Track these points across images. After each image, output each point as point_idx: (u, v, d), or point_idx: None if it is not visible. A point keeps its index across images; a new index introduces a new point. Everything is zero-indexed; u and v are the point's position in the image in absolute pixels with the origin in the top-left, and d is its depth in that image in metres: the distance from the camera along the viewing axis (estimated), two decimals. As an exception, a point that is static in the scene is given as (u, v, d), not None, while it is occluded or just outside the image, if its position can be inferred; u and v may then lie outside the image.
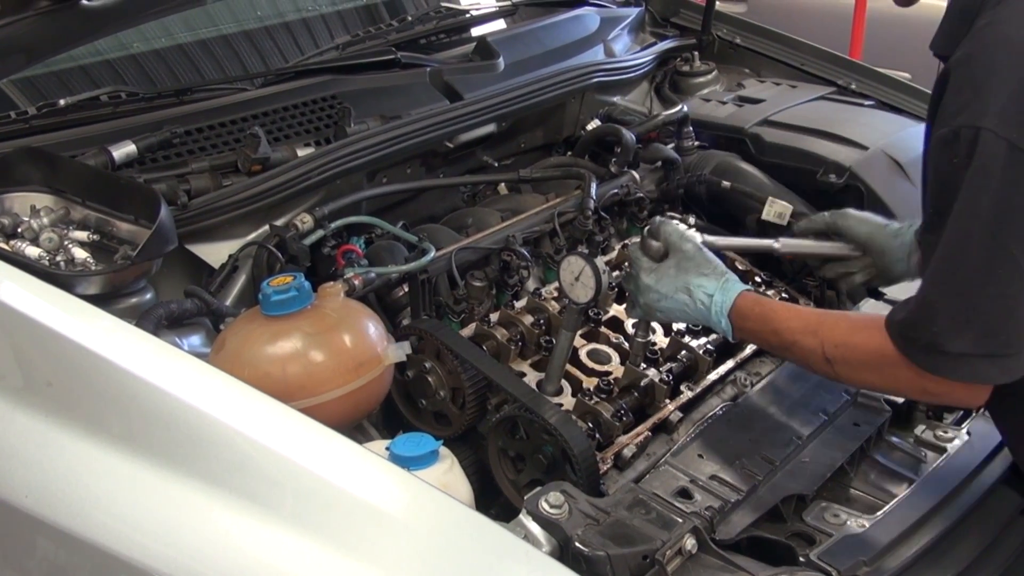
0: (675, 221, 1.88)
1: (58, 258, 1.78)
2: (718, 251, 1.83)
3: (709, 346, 2.05)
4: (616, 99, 2.95)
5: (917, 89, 2.86)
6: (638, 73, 2.98)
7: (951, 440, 1.83)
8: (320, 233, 2.09)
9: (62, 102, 2.14)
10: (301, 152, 2.20)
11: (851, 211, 2.05)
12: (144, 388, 1.36)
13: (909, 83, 2.91)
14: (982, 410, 1.83)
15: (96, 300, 1.59)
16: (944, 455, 1.80)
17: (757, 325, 1.71)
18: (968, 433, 1.84)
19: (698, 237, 1.83)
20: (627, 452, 1.82)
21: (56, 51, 2.18)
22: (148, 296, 1.84)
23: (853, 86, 2.95)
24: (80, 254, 1.79)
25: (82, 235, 1.84)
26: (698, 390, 1.99)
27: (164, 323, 1.73)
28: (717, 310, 1.73)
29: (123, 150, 2.02)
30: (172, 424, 1.35)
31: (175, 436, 1.35)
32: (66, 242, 1.81)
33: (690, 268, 1.77)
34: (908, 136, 2.58)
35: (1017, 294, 1.38)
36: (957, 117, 1.38)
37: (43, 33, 2.04)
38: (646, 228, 1.86)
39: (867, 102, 2.87)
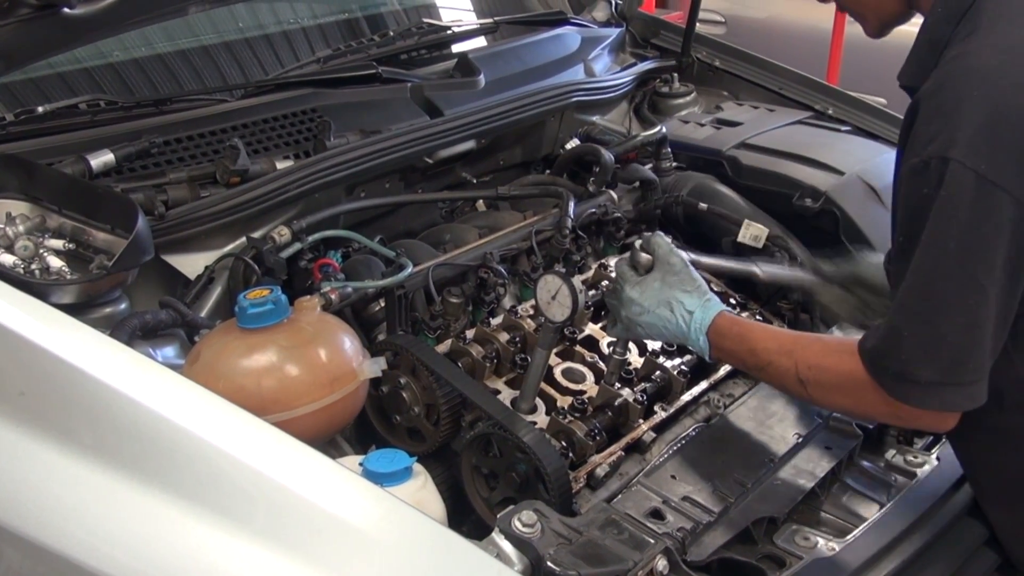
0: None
1: (33, 266, 1.77)
2: (699, 271, 1.84)
3: (683, 367, 2.06)
4: (595, 119, 2.96)
5: (893, 115, 2.88)
6: (618, 93, 2.99)
7: (921, 465, 1.84)
8: (297, 246, 2.09)
9: (40, 109, 2.12)
10: (280, 165, 2.20)
11: (865, 255, 2.07)
12: (117, 399, 1.35)
13: (885, 109, 2.94)
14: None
15: (70, 309, 1.58)
16: (914, 480, 1.82)
17: (734, 344, 1.72)
18: (938, 459, 1.85)
19: (685, 255, 1.84)
20: (600, 471, 1.82)
21: (36, 58, 2.17)
22: (123, 306, 1.83)
23: (830, 111, 2.98)
24: (55, 263, 1.78)
25: (58, 243, 1.83)
26: (672, 410, 2.00)
27: (138, 334, 1.73)
28: (696, 327, 1.74)
29: (101, 159, 2.01)
30: (145, 436, 1.34)
31: (148, 448, 1.34)
32: (41, 250, 1.80)
33: (675, 284, 1.78)
34: (884, 162, 2.61)
35: (984, 323, 1.40)
36: (927, 147, 1.40)
37: (24, 40, 2.03)
38: (636, 242, 1.87)
39: (844, 127, 2.89)
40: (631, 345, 2.08)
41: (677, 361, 2.08)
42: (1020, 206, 1.36)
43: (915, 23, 1.63)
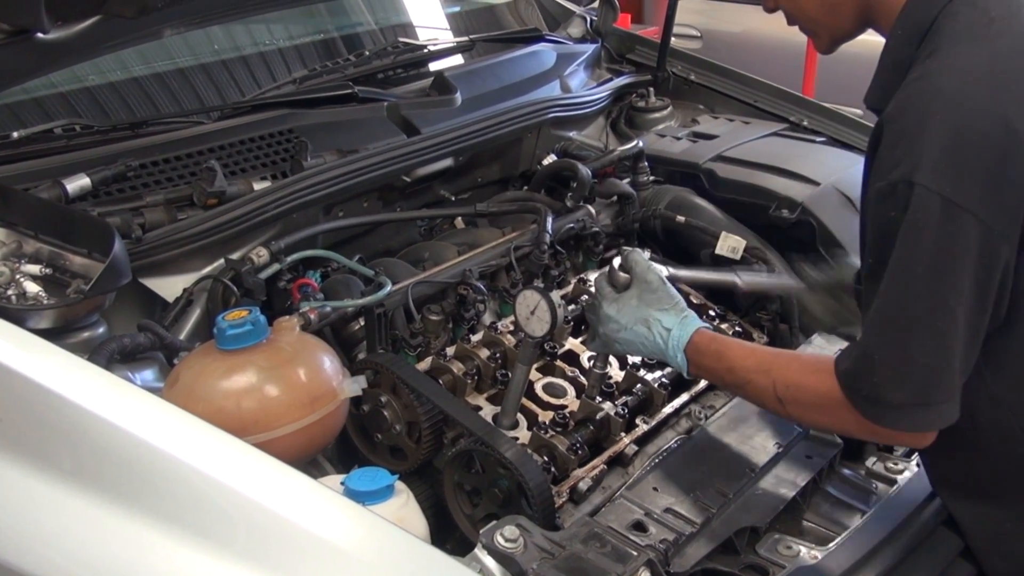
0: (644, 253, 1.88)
1: (9, 292, 1.76)
2: (679, 285, 1.84)
3: (664, 380, 2.06)
4: (572, 134, 2.97)
5: (868, 126, 2.90)
6: (594, 108, 3.01)
7: (901, 472, 1.86)
8: (276, 267, 2.08)
9: (15, 134, 2.12)
10: (257, 186, 2.20)
11: (849, 260, 2.08)
12: (96, 423, 1.35)
13: (860, 120, 2.96)
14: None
15: (48, 334, 1.58)
16: (894, 487, 1.83)
17: (712, 362, 1.72)
18: (917, 465, 1.86)
19: (664, 271, 1.84)
20: (582, 485, 1.83)
21: (10, 84, 2.16)
22: (100, 330, 1.82)
23: (805, 122, 3.00)
24: (32, 288, 1.77)
25: (34, 269, 1.82)
26: (653, 423, 2.00)
27: (117, 357, 1.72)
28: (674, 344, 1.74)
29: (77, 183, 2.00)
30: (124, 460, 1.33)
31: (127, 472, 1.33)
32: (18, 276, 1.79)
33: (652, 301, 1.78)
34: (859, 172, 2.58)
35: (953, 344, 1.41)
36: (893, 171, 1.41)
37: (-2, 65, 2.03)
38: (615, 259, 1.88)
39: (819, 138, 2.91)
40: (612, 359, 2.08)
41: (658, 374, 2.08)
42: (986, 228, 1.37)
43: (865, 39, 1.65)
